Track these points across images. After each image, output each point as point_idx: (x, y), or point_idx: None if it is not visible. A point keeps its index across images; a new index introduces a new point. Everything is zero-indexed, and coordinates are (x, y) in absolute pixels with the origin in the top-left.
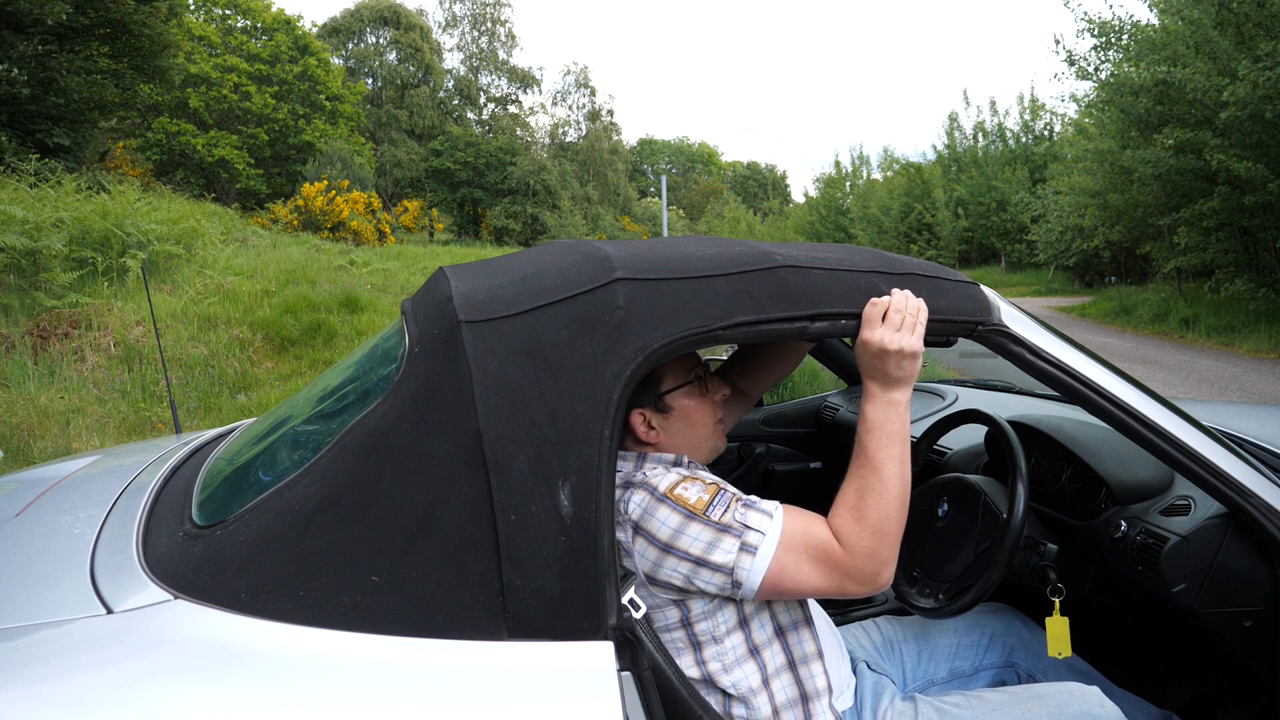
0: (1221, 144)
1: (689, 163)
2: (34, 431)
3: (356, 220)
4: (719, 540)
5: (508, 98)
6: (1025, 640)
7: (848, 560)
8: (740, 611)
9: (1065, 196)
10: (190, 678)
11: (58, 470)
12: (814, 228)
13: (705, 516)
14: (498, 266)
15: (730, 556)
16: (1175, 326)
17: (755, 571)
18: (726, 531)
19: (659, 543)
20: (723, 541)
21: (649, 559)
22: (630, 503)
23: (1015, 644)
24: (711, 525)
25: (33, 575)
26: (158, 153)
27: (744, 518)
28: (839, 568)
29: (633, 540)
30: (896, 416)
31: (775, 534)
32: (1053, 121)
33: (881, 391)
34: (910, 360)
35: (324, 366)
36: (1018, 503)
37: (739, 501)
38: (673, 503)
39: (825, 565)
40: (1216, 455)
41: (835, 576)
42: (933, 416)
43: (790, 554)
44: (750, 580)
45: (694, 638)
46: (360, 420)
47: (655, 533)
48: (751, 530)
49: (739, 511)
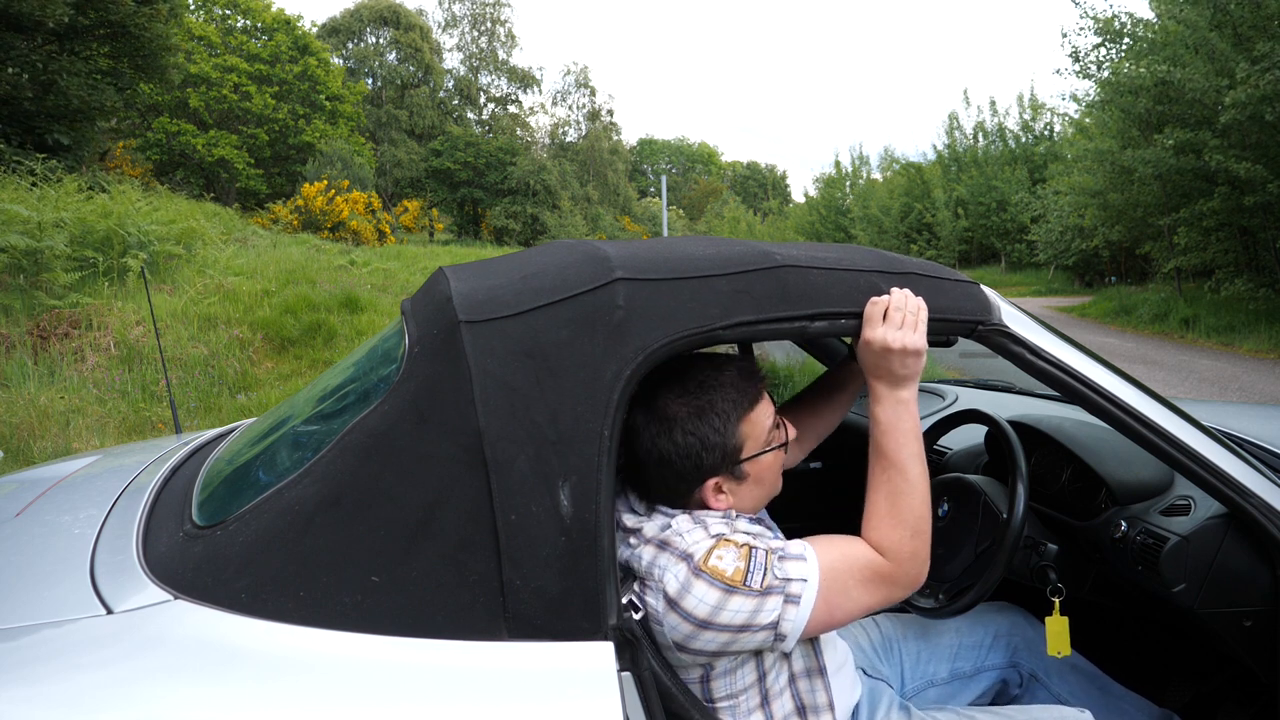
0: (1221, 144)
1: (689, 163)
2: (34, 431)
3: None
4: (763, 604)
5: (508, 98)
6: (1030, 639)
7: (894, 570)
8: (760, 667)
9: (1065, 196)
10: (190, 678)
11: (58, 470)
12: (814, 228)
13: (745, 587)
14: (498, 266)
15: (774, 614)
16: (1175, 326)
17: (799, 620)
18: (768, 594)
19: (696, 619)
20: (767, 603)
21: (682, 631)
22: (666, 573)
23: (1019, 644)
24: (754, 594)
25: (33, 575)
26: (158, 153)
27: (783, 572)
28: (887, 580)
29: (665, 612)
30: (908, 415)
31: (815, 577)
32: (1053, 121)
33: (889, 391)
34: (914, 358)
35: (324, 366)
36: (1018, 503)
37: (774, 556)
38: (710, 577)
39: (873, 583)
40: (1216, 455)
41: (884, 589)
42: (933, 416)
43: (835, 586)
44: (794, 629)
45: (709, 694)
46: (360, 420)
47: (693, 611)
48: (794, 581)
49: (776, 569)
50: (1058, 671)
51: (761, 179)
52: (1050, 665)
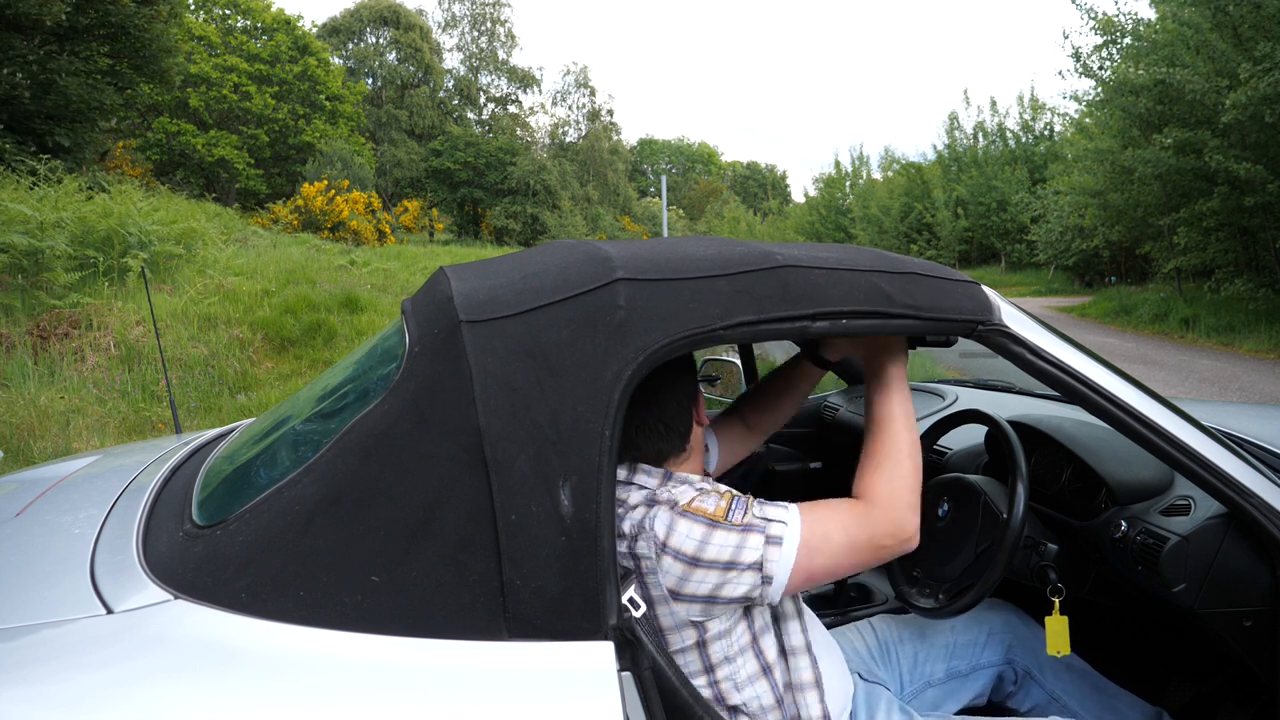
0: (1221, 144)
1: (689, 163)
2: (34, 431)
3: (356, 220)
4: (745, 540)
5: (508, 98)
6: (1023, 636)
7: (869, 511)
8: (752, 629)
9: (1065, 196)
10: (190, 678)
11: (58, 470)
12: (814, 228)
13: (727, 522)
14: (498, 266)
15: (758, 553)
16: (1175, 326)
17: (784, 562)
18: (750, 530)
19: (686, 556)
20: (749, 540)
21: (675, 574)
22: (655, 520)
23: (1013, 641)
24: (735, 529)
25: (33, 575)
26: (158, 153)
27: (762, 513)
28: (867, 522)
29: (659, 558)
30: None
31: (796, 522)
32: (1053, 121)
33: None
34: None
35: (324, 366)
36: (1018, 503)
37: (754, 501)
38: (693, 515)
39: (852, 528)
40: (1216, 455)
41: (864, 530)
42: (933, 416)
43: (815, 530)
44: (779, 573)
45: (707, 659)
46: (360, 420)
47: (681, 547)
48: (774, 522)
49: (756, 509)
50: (1052, 669)
51: (761, 179)
52: (1044, 662)
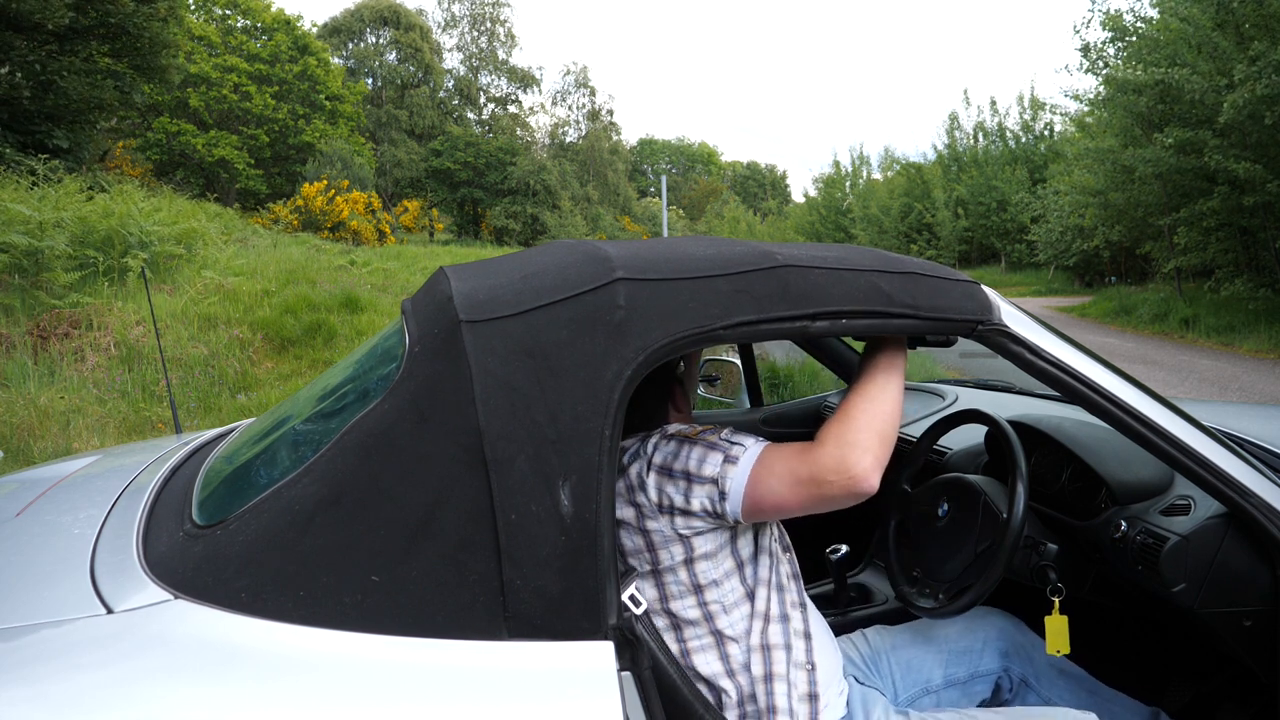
0: (1221, 144)
1: (689, 163)
2: (34, 431)
3: (356, 220)
4: (707, 455)
5: (508, 98)
6: (1019, 644)
7: (817, 448)
8: (737, 556)
9: (1065, 196)
10: (190, 678)
11: (58, 470)
12: (814, 228)
13: (698, 438)
14: (498, 266)
15: (716, 469)
16: (1175, 326)
17: (738, 479)
18: (714, 448)
19: (661, 467)
20: (710, 456)
21: (652, 484)
22: (650, 445)
23: (1009, 648)
24: (702, 444)
25: (33, 575)
26: (158, 153)
27: (729, 438)
28: (808, 455)
29: (647, 473)
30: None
31: (756, 448)
32: (1053, 121)
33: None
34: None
35: (324, 366)
36: (1018, 503)
37: (727, 430)
38: (677, 436)
39: (795, 461)
40: (1216, 455)
41: (806, 465)
42: (933, 416)
43: (766, 459)
44: (734, 489)
45: (695, 579)
46: (360, 419)
47: (661, 461)
48: (736, 445)
49: (725, 435)
50: (1047, 676)
51: (761, 179)
52: (1040, 670)
